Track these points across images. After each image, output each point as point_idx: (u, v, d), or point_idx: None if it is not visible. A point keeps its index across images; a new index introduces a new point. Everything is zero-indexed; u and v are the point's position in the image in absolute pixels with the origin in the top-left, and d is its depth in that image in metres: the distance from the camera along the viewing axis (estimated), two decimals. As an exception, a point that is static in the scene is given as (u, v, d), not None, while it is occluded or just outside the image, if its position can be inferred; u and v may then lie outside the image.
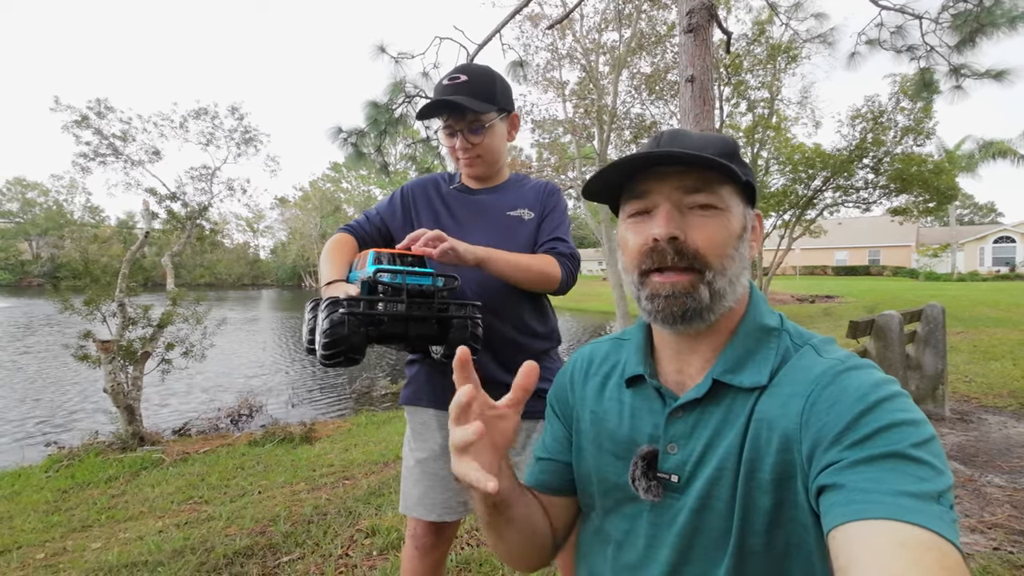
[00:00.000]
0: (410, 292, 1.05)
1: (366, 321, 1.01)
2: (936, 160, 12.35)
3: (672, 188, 0.63)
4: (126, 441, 5.08)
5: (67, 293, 5.69)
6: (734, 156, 0.65)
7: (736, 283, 0.64)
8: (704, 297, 0.62)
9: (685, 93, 3.89)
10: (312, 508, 2.75)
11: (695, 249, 0.62)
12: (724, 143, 0.65)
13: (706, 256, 0.62)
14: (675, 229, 0.62)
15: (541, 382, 1.31)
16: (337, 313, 0.97)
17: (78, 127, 7.47)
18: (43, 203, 47.54)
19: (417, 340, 1.09)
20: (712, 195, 0.62)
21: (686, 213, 0.63)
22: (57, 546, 2.73)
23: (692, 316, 0.62)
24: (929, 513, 0.44)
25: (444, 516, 1.27)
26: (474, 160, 1.32)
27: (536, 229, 1.35)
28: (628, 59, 11.24)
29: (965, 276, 28.63)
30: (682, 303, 0.62)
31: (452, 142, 1.32)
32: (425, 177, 1.46)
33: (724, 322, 0.66)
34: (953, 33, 4.61)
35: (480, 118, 1.28)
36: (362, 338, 0.99)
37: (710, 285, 0.62)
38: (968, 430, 3.51)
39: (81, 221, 44.65)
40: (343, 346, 0.96)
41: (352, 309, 0.98)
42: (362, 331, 0.99)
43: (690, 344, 0.68)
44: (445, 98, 1.25)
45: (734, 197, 0.65)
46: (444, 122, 1.30)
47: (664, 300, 0.63)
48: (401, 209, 1.40)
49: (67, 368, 9.18)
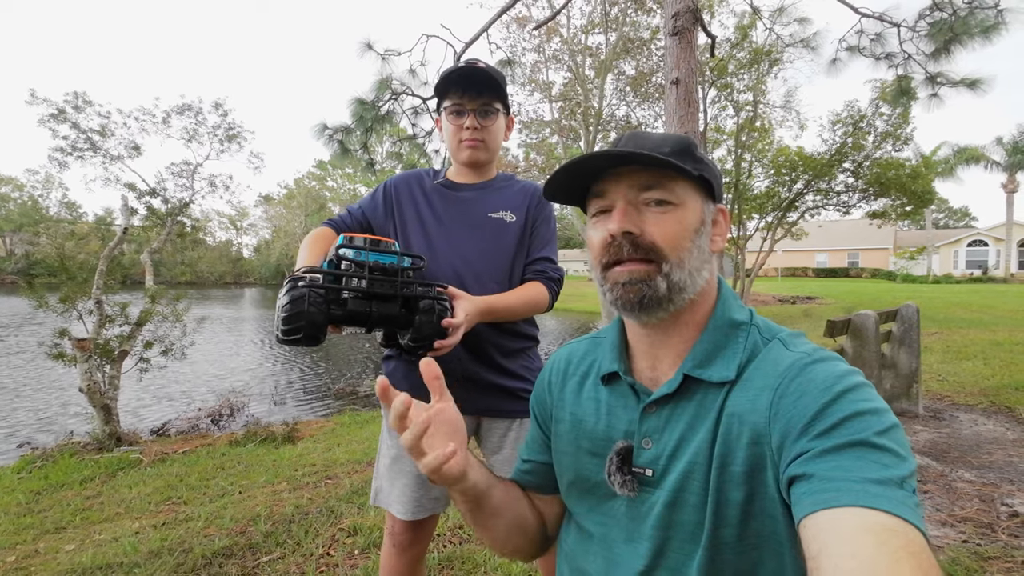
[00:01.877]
0: (372, 268, 1.00)
1: (328, 299, 0.97)
2: (913, 165, 12.65)
3: (628, 186, 0.66)
4: (102, 441, 4.98)
5: (42, 290, 5.54)
6: (687, 153, 0.66)
7: (696, 276, 0.66)
8: (661, 287, 0.64)
9: (670, 95, 3.93)
10: (293, 508, 2.72)
11: (651, 242, 0.65)
12: (678, 141, 0.67)
13: (662, 248, 0.64)
14: (630, 224, 0.65)
15: (519, 380, 1.32)
16: (297, 288, 0.95)
17: (55, 121, 7.30)
18: (17, 198, 46.23)
19: (381, 321, 1.03)
20: (665, 191, 0.65)
21: (642, 209, 0.66)
22: (29, 548, 2.67)
23: (650, 304, 0.64)
24: (894, 499, 0.45)
25: (419, 514, 1.27)
26: (478, 144, 1.30)
27: (519, 233, 1.34)
28: (613, 62, 11.32)
29: (940, 278, 29.36)
30: (639, 290, 0.64)
31: (459, 122, 1.29)
32: (409, 172, 1.44)
33: (693, 317, 0.68)
34: (929, 42, 4.74)
35: (493, 103, 1.28)
36: (323, 316, 0.96)
37: (667, 277, 0.64)
38: (940, 427, 3.60)
39: (57, 217, 43.56)
40: (302, 321, 0.93)
41: (312, 284, 0.96)
42: (324, 308, 0.96)
43: (661, 339, 0.69)
44: (475, 67, 1.24)
45: (690, 192, 0.67)
46: (454, 100, 1.28)
47: (622, 288, 0.65)
48: (383, 204, 1.38)
49: (41, 367, 8.95)
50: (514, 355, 1.34)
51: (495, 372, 1.30)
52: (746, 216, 14.35)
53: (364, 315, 1.01)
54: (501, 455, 1.31)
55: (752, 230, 15.08)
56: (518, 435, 1.31)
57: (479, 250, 1.31)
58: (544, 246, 1.37)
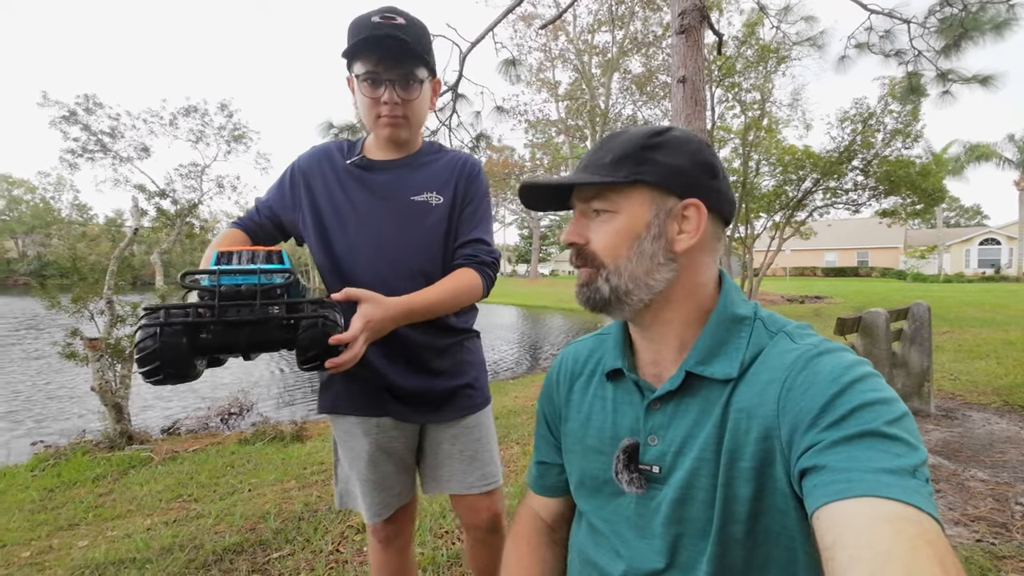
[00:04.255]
0: (224, 295, 0.86)
1: (188, 331, 0.84)
2: (923, 163, 12.54)
3: (578, 198, 0.71)
4: (114, 440, 5.02)
5: (54, 291, 5.61)
6: (631, 157, 0.65)
7: (642, 280, 0.65)
8: (604, 290, 0.67)
9: (677, 94, 3.91)
10: (303, 505, 2.74)
11: (591, 251, 0.68)
12: (627, 145, 0.66)
13: (599, 256, 0.68)
14: (574, 236, 0.70)
15: (455, 378, 1.25)
16: (148, 322, 0.83)
17: (66, 123, 7.38)
18: (29, 200, 46.82)
19: (256, 347, 0.91)
20: (603, 201, 0.67)
21: (592, 218, 0.69)
22: (43, 544, 2.70)
23: (598, 305, 0.68)
24: (907, 487, 0.45)
25: (384, 513, 1.26)
26: (399, 120, 1.12)
27: (447, 216, 1.19)
28: (620, 60, 11.30)
29: (951, 277, 29.06)
30: (585, 293, 0.69)
31: (376, 93, 1.09)
32: (317, 149, 1.24)
33: (691, 313, 0.67)
34: (940, 38, 4.69)
35: (416, 70, 1.09)
36: (183, 352, 0.83)
37: (607, 282, 0.67)
38: (953, 426, 3.56)
39: (69, 219, 44.05)
40: (157, 361, 0.82)
41: (152, 320, 0.83)
42: (183, 343, 0.83)
43: (657, 334, 0.69)
44: (392, 26, 1.03)
45: (632, 198, 0.65)
46: (368, 68, 1.07)
47: (577, 289, 0.71)
48: (291, 193, 1.21)
49: (54, 366, 9.06)
50: (445, 352, 1.24)
51: (425, 375, 1.21)
52: (753, 215, 14.28)
53: (231, 342, 0.88)
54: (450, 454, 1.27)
55: (760, 229, 15.00)
56: (464, 433, 1.27)
57: (402, 242, 1.16)
58: (475, 226, 1.21)
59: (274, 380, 9.23)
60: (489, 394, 1.34)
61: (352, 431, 1.24)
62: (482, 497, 1.28)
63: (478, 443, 1.28)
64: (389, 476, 1.26)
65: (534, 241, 44.32)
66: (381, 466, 1.24)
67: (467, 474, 1.27)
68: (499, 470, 1.32)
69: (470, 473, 1.27)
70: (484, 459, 1.28)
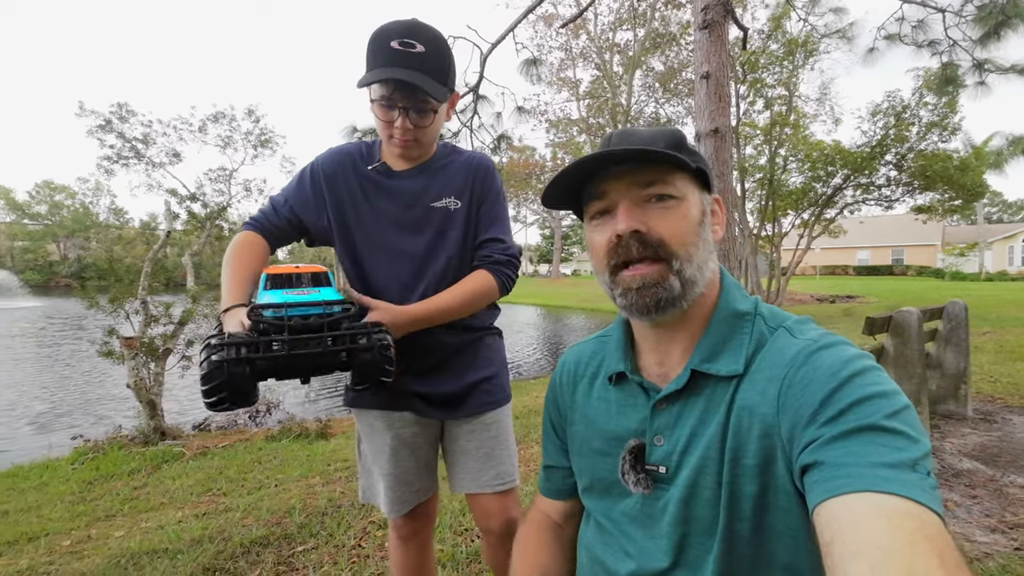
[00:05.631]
0: (292, 328, 0.89)
1: (250, 359, 0.88)
2: (962, 156, 12.01)
3: (628, 185, 0.64)
4: (148, 435, 5.21)
5: (93, 292, 5.84)
6: (681, 146, 0.66)
7: (704, 269, 0.65)
8: (675, 286, 0.63)
9: (700, 90, 3.86)
10: (326, 501, 2.79)
11: (659, 239, 0.63)
12: (672, 135, 0.66)
13: (670, 245, 0.63)
14: (636, 223, 0.63)
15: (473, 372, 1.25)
16: (214, 353, 0.86)
17: (102, 131, 7.69)
18: (70, 205, 48.77)
19: (316, 371, 0.94)
20: (667, 185, 0.64)
21: (645, 207, 0.64)
22: (82, 534, 2.82)
23: (666, 305, 0.63)
24: (907, 482, 0.44)
25: (404, 509, 1.28)
26: (410, 144, 1.14)
27: (465, 220, 1.21)
28: (642, 58, 11.19)
29: (993, 276, 27.83)
30: (654, 293, 0.63)
31: (389, 117, 1.09)
32: (339, 151, 1.24)
33: (697, 310, 0.67)
34: (977, 27, 4.51)
35: (430, 100, 1.07)
36: (247, 380, 0.88)
37: (679, 274, 0.63)
38: (991, 430, 3.42)
39: (106, 223, 45.77)
40: (224, 392, 0.86)
41: (226, 355, 0.86)
42: (246, 372, 0.87)
43: (668, 335, 0.68)
44: (400, 78, 1.02)
45: (689, 185, 0.66)
46: (385, 93, 1.07)
47: (636, 293, 0.64)
48: (312, 195, 1.21)
49: (93, 364, 9.42)
50: (465, 349, 1.25)
51: (445, 372, 1.23)
52: (781, 213, 13.94)
53: (294, 369, 0.92)
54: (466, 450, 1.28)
55: (788, 227, 14.63)
56: (481, 429, 1.27)
57: (425, 247, 1.18)
58: (491, 225, 1.23)
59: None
60: (509, 392, 1.33)
61: (375, 425, 1.27)
62: (496, 498, 1.26)
63: (494, 440, 1.28)
64: (410, 471, 1.28)
65: (556, 241, 44.22)
66: (403, 461, 1.27)
67: (481, 472, 1.26)
68: (515, 471, 1.30)
69: (484, 471, 1.26)
70: (500, 457, 1.27)
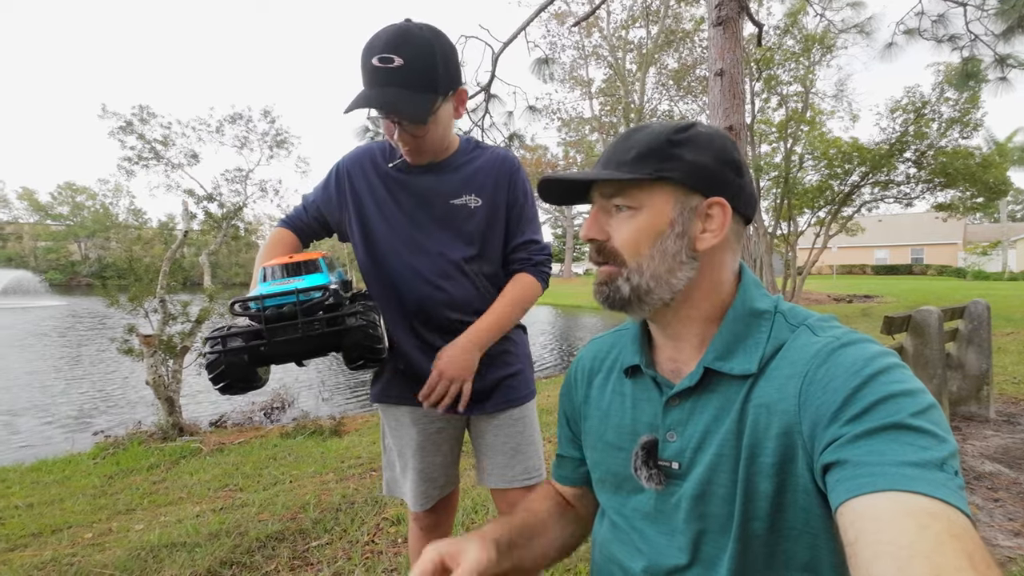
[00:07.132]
0: (268, 319, 0.96)
1: (246, 350, 0.97)
2: (985, 153, 11.73)
3: (598, 193, 0.69)
4: (167, 431, 5.30)
5: (113, 291, 5.96)
6: (656, 152, 0.63)
7: (663, 279, 0.64)
8: (624, 289, 0.65)
9: (714, 87, 3.82)
10: (340, 497, 2.82)
11: (613, 248, 0.67)
12: (651, 140, 0.64)
13: (621, 254, 0.66)
14: (595, 231, 0.67)
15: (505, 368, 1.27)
16: (213, 344, 0.97)
17: (123, 133, 7.85)
18: (91, 206, 49.68)
19: (309, 354, 1.02)
20: (625, 197, 0.65)
21: (611, 213, 0.68)
22: (103, 527, 2.88)
23: (617, 304, 0.67)
24: (933, 481, 0.44)
25: (428, 504, 1.30)
26: (415, 152, 1.15)
27: (486, 217, 1.21)
28: (655, 55, 11.11)
29: (1017, 275, 27.18)
30: (603, 291, 0.68)
31: (390, 129, 1.11)
32: (361, 151, 1.27)
33: (709, 308, 0.66)
34: (999, 20, 4.40)
35: (420, 113, 1.07)
36: (244, 367, 0.98)
37: (628, 280, 0.65)
38: (1015, 432, 3.34)
39: (126, 223, 46.68)
40: (228, 380, 0.97)
41: (214, 348, 0.97)
42: (244, 360, 0.97)
43: (677, 330, 0.68)
44: (372, 105, 1.03)
45: (655, 195, 0.64)
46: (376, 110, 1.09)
47: (595, 287, 0.69)
48: (336, 194, 1.25)
49: (113, 361, 9.62)
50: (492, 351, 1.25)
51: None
52: (796, 211, 13.74)
53: (288, 354, 1.00)
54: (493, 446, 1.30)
55: (804, 225, 14.42)
56: (508, 424, 1.28)
57: (443, 244, 1.20)
58: (524, 228, 1.25)
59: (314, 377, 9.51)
60: (534, 387, 1.35)
61: (401, 420, 1.29)
62: (523, 493, 1.27)
63: (521, 436, 1.29)
64: (435, 466, 1.30)
65: (567, 240, 44.07)
66: (428, 455, 1.29)
67: (509, 467, 1.27)
68: (542, 465, 1.32)
69: (512, 466, 1.27)
70: (528, 452, 1.29)
